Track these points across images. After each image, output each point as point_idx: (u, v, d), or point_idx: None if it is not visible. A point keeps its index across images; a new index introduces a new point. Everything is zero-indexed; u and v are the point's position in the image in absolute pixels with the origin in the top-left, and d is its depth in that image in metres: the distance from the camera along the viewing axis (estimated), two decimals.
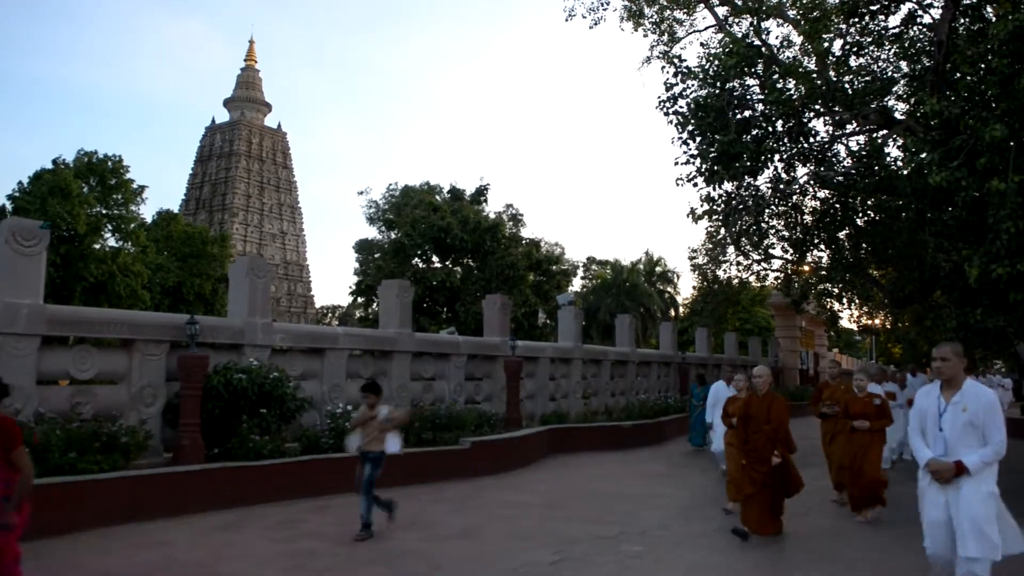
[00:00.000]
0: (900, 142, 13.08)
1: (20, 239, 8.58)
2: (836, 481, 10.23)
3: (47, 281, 9.57)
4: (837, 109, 12.47)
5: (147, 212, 55.45)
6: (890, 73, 13.80)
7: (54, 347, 9.10)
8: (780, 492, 8.03)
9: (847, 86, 12.99)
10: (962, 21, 11.55)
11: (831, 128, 13.73)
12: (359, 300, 40.49)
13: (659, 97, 13.01)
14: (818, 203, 15.66)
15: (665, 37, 17.64)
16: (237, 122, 77.99)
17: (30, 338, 8.51)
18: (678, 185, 13.38)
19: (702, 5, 16.48)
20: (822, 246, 16.37)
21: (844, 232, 15.94)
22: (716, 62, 12.49)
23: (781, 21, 15.34)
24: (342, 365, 12.35)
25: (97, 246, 38.45)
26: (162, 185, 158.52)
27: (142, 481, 8.45)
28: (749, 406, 8.11)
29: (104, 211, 40.17)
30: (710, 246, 23.81)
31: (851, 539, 8.26)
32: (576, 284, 47.04)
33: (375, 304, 35.90)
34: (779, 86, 12.47)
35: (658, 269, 48.65)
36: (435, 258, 37.90)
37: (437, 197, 39.40)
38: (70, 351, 9.30)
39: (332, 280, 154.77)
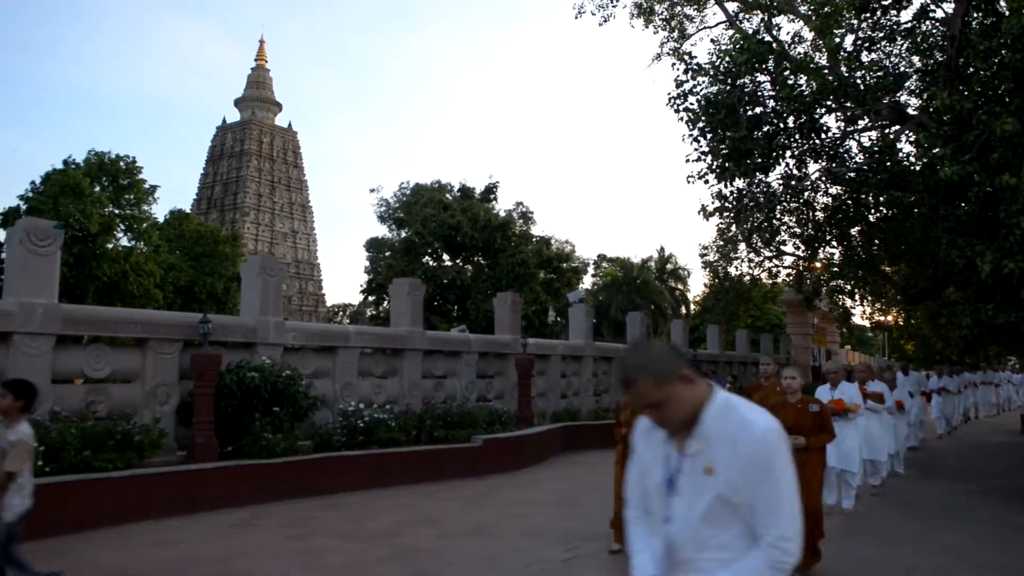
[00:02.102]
0: (912, 137, 12.98)
1: (34, 239, 8.66)
2: None
3: (61, 280, 9.64)
4: (849, 105, 12.41)
5: (159, 212, 55.81)
6: (902, 68, 13.69)
7: (68, 346, 9.17)
8: None
9: (859, 81, 12.91)
10: (975, 15, 11.48)
11: (843, 124, 13.66)
12: (370, 298, 40.57)
13: (669, 94, 12.98)
14: (830, 199, 15.59)
15: (675, 34, 17.56)
16: (248, 122, 78.22)
17: (45, 337, 8.60)
18: (689, 182, 13.36)
19: (712, 1, 16.40)
20: (834, 242, 16.29)
21: (856, 228, 15.85)
22: (727, 58, 12.45)
23: (792, 17, 15.26)
24: (354, 363, 12.40)
25: (110, 245, 38.64)
26: (174, 185, 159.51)
27: (156, 479, 8.53)
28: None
29: (117, 211, 40.41)
30: (721, 243, 23.64)
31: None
32: (587, 281, 46.99)
33: (386, 302, 35.99)
34: (790, 82, 12.41)
35: (669, 266, 48.46)
36: (445, 256, 37.96)
37: (447, 195, 39.44)
38: (84, 350, 9.37)
39: (343, 278, 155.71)
